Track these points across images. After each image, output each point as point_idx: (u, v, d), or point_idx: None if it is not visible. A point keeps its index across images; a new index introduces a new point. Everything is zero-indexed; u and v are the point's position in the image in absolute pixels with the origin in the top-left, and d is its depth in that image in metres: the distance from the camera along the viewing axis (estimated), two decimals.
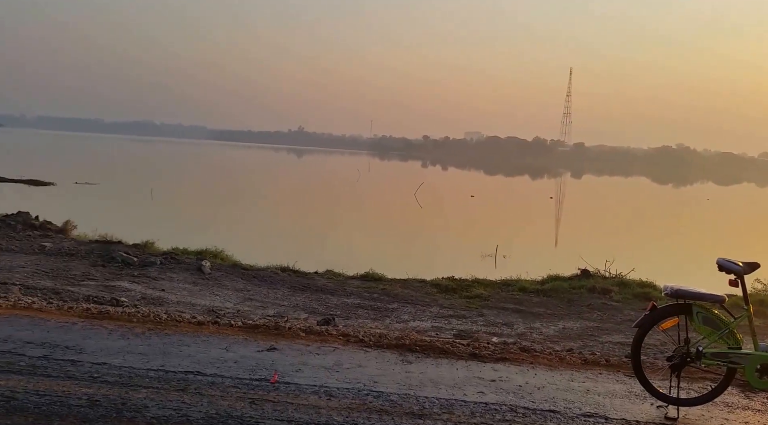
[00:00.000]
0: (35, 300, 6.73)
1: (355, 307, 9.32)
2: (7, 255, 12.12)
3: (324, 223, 25.42)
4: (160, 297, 9.42)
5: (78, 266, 11.61)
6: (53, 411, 3.67)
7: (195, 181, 47.23)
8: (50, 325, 5.23)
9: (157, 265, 12.07)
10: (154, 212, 25.24)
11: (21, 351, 4.54)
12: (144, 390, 4.09)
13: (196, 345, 5.08)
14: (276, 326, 5.89)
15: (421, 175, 67.47)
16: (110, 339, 5.04)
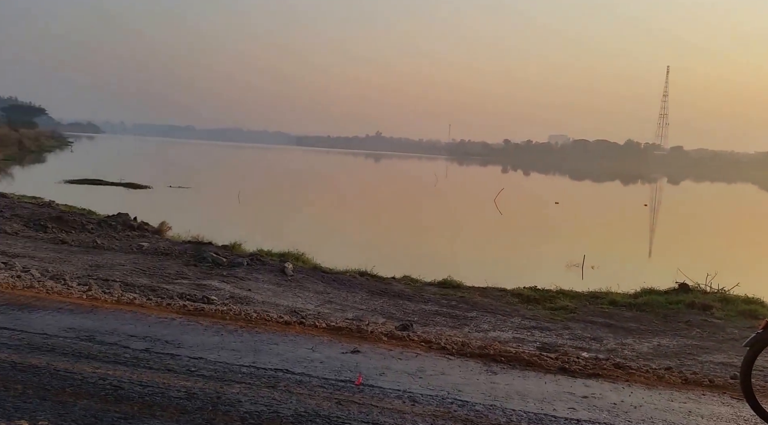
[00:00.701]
0: (136, 296, 7.15)
1: (433, 314, 9.28)
2: (109, 253, 12.94)
3: (401, 228, 25.49)
4: (246, 297, 9.76)
5: (172, 265, 12.22)
6: (155, 401, 3.89)
7: (278, 185, 48.63)
8: (151, 320, 5.54)
9: (244, 266, 12.51)
10: (240, 214, 26.21)
11: (126, 343, 4.84)
12: (237, 386, 4.26)
13: (284, 344, 5.23)
14: (358, 329, 5.97)
15: (502, 180, 66.36)
16: (206, 335, 5.28)
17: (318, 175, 69.36)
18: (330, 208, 32.15)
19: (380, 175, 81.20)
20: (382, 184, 60.02)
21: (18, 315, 5.35)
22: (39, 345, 4.63)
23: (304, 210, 30.55)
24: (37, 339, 4.76)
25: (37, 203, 18.33)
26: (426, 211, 33.94)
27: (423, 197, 44.03)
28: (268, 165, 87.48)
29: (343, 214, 29.84)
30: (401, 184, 60.27)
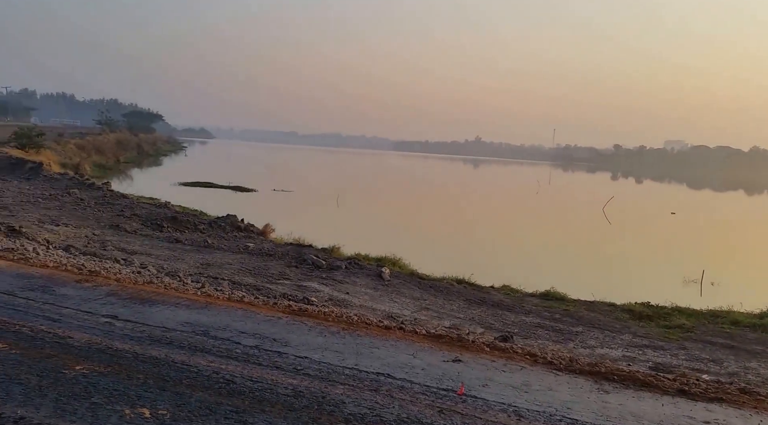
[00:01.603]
0: (245, 294, 7.45)
1: (535, 327, 8.98)
2: (218, 253, 13.60)
3: (499, 236, 24.96)
4: (344, 300, 9.89)
5: (275, 266, 12.64)
6: (264, 397, 4.01)
7: (375, 189, 49.27)
8: (259, 318, 5.74)
9: (342, 269, 12.72)
10: (339, 218, 26.75)
11: (237, 339, 5.04)
12: (341, 387, 4.30)
13: (385, 349, 5.24)
14: (459, 338, 5.88)
15: (611, 188, 63.41)
16: (310, 335, 5.39)
17: (414, 180, 69.60)
18: (426, 214, 32.13)
19: (478, 181, 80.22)
20: (480, 189, 59.20)
21: (140, 308, 5.71)
22: (159, 338, 4.91)
23: (401, 215, 30.71)
24: (157, 332, 5.05)
25: (154, 204, 19.58)
26: (526, 219, 33.08)
27: (523, 204, 42.97)
28: (365, 170, 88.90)
29: (439, 220, 29.70)
30: (500, 190, 59.18)
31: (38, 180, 22.46)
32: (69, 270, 7.18)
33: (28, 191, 19.62)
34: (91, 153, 44.30)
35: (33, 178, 22.71)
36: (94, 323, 5.13)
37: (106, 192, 20.67)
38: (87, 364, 4.22)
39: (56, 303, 5.58)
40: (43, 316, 5.17)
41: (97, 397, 3.74)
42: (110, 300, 5.86)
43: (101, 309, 5.53)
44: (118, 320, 5.26)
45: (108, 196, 19.69)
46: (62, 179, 22.80)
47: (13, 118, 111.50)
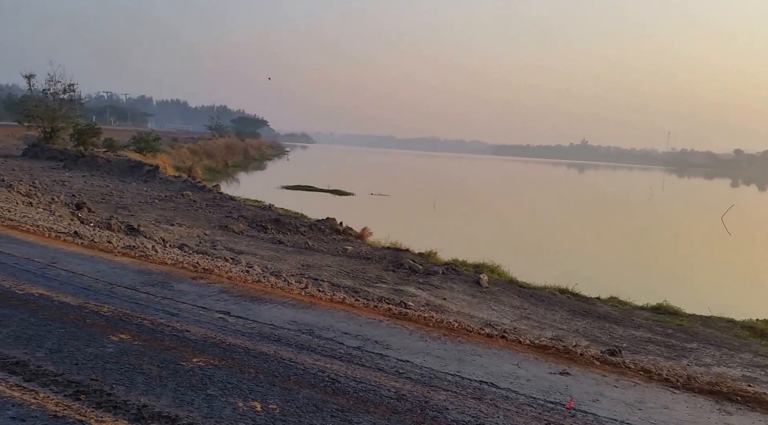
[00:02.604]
0: (345, 296, 7.59)
1: (645, 342, 8.50)
2: (318, 255, 13.96)
3: (606, 245, 23.90)
4: (441, 306, 9.82)
5: (372, 269, 12.79)
6: (368, 398, 4.04)
7: (472, 195, 48.74)
8: (361, 320, 5.81)
9: (439, 275, 12.67)
10: (435, 223, 26.70)
11: (340, 340, 5.13)
12: (443, 393, 4.26)
13: (487, 357, 5.14)
14: (566, 350, 5.65)
15: (731, 195, 59.18)
16: (411, 339, 5.39)
17: (514, 185, 68.30)
18: (526, 221, 31.38)
19: (583, 186, 77.38)
20: (584, 195, 57.04)
21: (250, 306, 5.95)
22: (267, 335, 5.08)
23: (499, 221, 30.20)
24: (265, 329, 5.24)
25: (259, 206, 20.41)
26: (636, 228, 31.42)
27: (633, 212, 40.88)
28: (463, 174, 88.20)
29: (539, 227, 28.91)
30: (607, 196, 56.60)
31: (155, 182, 24.08)
32: (185, 267, 7.62)
33: (146, 192, 21.08)
34: (202, 157, 47.00)
35: (150, 181, 24.37)
36: (208, 318, 5.40)
37: (216, 194, 21.80)
38: (203, 357, 4.44)
39: (174, 299, 5.93)
40: (163, 310, 5.51)
41: (212, 389, 3.92)
42: (223, 297, 6.15)
43: (215, 306, 5.82)
44: (230, 316, 5.51)
45: (217, 198, 20.76)
46: (176, 182, 24.30)
47: (132, 124, 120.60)
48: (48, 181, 21.12)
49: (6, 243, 7.72)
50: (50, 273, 6.41)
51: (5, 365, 3.97)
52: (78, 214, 14.33)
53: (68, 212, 14.32)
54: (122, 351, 4.41)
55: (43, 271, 6.47)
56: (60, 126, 33.45)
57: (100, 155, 28.19)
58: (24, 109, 34.79)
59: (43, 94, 34.38)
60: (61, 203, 15.65)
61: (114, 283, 6.26)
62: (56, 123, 33.31)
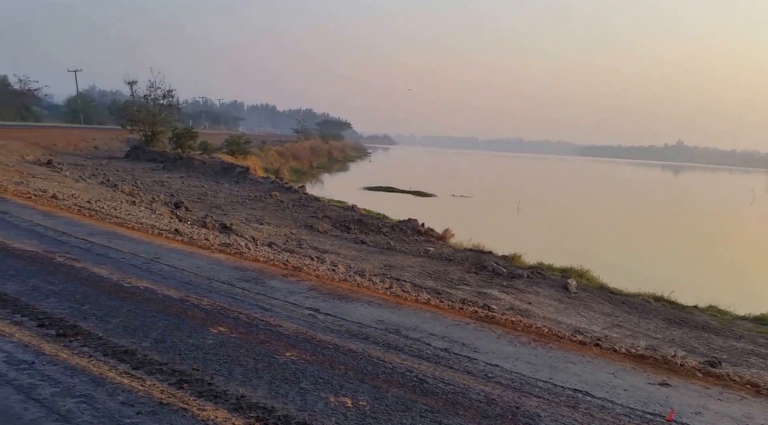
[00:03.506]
0: (430, 297, 7.59)
1: (747, 354, 7.97)
2: (400, 255, 14.03)
3: (702, 252, 22.58)
4: (526, 310, 9.61)
5: (454, 271, 12.71)
6: (457, 400, 4.02)
7: (559, 196, 47.41)
8: (447, 322, 5.79)
9: (524, 278, 12.42)
10: (519, 225, 26.18)
11: (427, 341, 5.13)
12: (535, 399, 4.17)
13: (581, 365, 4.98)
14: (665, 360, 5.39)
15: None
16: (499, 343, 5.31)
17: (602, 187, 65.80)
18: (614, 225, 30.15)
19: (678, 190, 73.50)
20: (680, 199, 54.12)
21: (337, 304, 6.07)
22: (355, 333, 5.17)
23: (586, 224, 29.20)
24: (353, 327, 5.32)
25: (342, 207, 20.77)
26: (736, 233, 29.52)
27: (733, 217, 38.40)
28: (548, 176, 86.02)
29: (629, 232, 27.71)
30: (703, 200, 53.45)
31: (245, 183, 25.04)
32: (276, 265, 7.87)
33: (237, 193, 21.96)
34: (288, 159, 48.45)
35: (241, 182, 25.36)
36: (299, 314, 5.55)
37: (302, 195, 22.40)
38: (295, 352, 4.57)
39: (267, 294, 6.15)
40: (257, 305, 5.72)
41: (305, 383, 4.03)
42: (312, 295, 6.31)
43: (305, 302, 5.98)
44: (319, 313, 5.64)
45: (303, 199, 21.32)
46: (265, 182, 25.17)
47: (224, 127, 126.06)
48: (149, 181, 22.44)
49: (114, 239, 8.27)
50: (154, 268, 6.81)
51: (115, 353, 4.25)
52: (176, 213, 15.14)
53: (168, 211, 15.17)
54: (221, 343, 4.61)
55: (147, 266, 6.88)
56: (160, 129, 35.52)
57: (196, 157, 29.66)
58: (127, 113, 37.27)
59: (145, 100, 36.64)
60: (161, 202, 16.59)
61: (212, 278, 6.57)
62: (156, 127, 35.40)
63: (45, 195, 12.72)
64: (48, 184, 15.51)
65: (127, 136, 39.85)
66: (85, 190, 16.49)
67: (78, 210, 11.14)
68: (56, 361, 4.00)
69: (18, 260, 6.59)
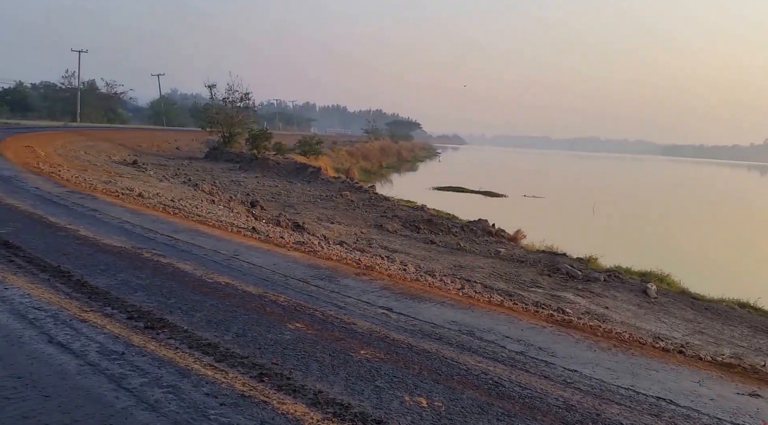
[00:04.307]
0: (503, 299, 7.50)
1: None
2: (470, 256, 13.92)
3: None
4: (603, 315, 9.33)
5: (526, 273, 12.49)
6: (534, 405, 3.95)
7: (637, 197, 45.70)
8: (522, 325, 5.70)
9: (600, 282, 12.07)
10: (595, 227, 25.42)
11: (502, 343, 5.07)
12: (616, 407, 4.04)
13: (664, 372, 4.79)
14: (754, 369, 5.11)
15: None
16: (577, 347, 5.18)
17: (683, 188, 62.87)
18: (696, 228, 28.75)
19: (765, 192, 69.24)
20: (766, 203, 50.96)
21: (410, 303, 6.10)
22: (428, 333, 5.17)
23: (666, 227, 27.99)
24: (426, 327, 5.33)
25: (412, 207, 20.81)
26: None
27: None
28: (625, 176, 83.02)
29: (712, 236, 26.36)
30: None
31: (317, 182, 25.54)
32: (348, 263, 7.99)
33: (309, 192, 22.43)
34: (358, 159, 49.05)
35: (313, 181, 25.89)
36: (372, 313, 5.61)
37: (371, 194, 22.62)
38: (369, 350, 4.63)
39: (340, 292, 6.25)
40: (331, 303, 5.83)
41: (379, 381, 4.08)
42: (384, 294, 6.37)
43: (377, 301, 6.04)
44: (392, 312, 5.69)
45: (373, 199, 21.52)
46: (335, 182, 25.58)
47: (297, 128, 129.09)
48: (226, 181, 23.27)
49: (196, 237, 8.64)
50: (234, 265, 7.06)
51: (199, 346, 4.43)
52: (252, 211, 15.64)
53: (244, 209, 15.69)
54: (298, 338, 4.73)
55: (228, 262, 7.15)
56: (237, 131, 36.80)
57: (270, 158, 30.52)
58: (206, 115, 38.82)
59: (223, 103, 38.04)
60: (238, 201, 17.18)
61: (288, 276, 6.74)
62: (234, 128, 36.70)
63: (132, 193, 13.44)
64: (134, 183, 16.37)
65: (206, 138, 41.48)
66: (168, 189, 17.30)
67: (162, 208, 11.70)
68: (144, 352, 4.22)
69: (108, 255, 6.99)
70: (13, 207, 9.76)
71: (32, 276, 5.85)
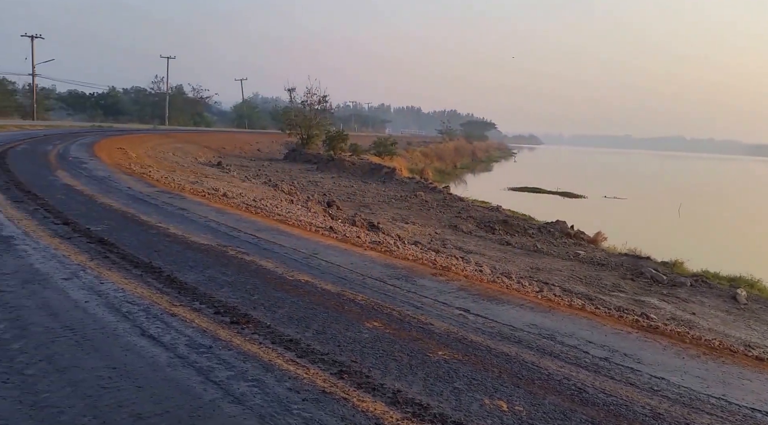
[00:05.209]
0: (584, 303, 7.28)
1: None
2: (547, 258, 13.60)
3: None
4: (689, 321, 8.92)
5: (608, 277, 12.08)
6: (620, 412, 3.82)
7: (724, 199, 43.20)
8: (606, 330, 5.52)
9: (686, 287, 11.57)
10: (680, 230, 24.26)
11: (585, 348, 4.92)
12: (707, 416, 3.85)
13: (759, 382, 4.52)
14: None
15: None
16: (665, 354, 4.97)
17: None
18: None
19: None
20: None
21: (487, 305, 6.03)
22: (507, 336, 5.10)
23: (755, 231, 26.30)
24: (505, 329, 5.26)
25: (486, 207, 20.58)
26: None
27: None
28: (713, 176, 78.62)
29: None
30: None
31: (391, 183, 25.71)
32: (424, 263, 8.00)
33: (383, 192, 22.61)
34: (432, 159, 49.00)
35: (387, 182, 26.08)
36: (449, 314, 5.60)
37: (446, 195, 22.53)
38: (447, 351, 4.62)
39: (417, 292, 6.27)
40: (408, 303, 5.85)
41: (458, 383, 4.06)
42: (461, 295, 6.33)
43: (454, 302, 6.01)
44: (470, 314, 5.65)
45: (447, 199, 21.44)
46: (410, 182, 25.65)
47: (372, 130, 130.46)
48: (304, 181, 23.85)
49: (277, 235, 8.90)
50: (313, 263, 7.23)
51: (282, 341, 4.56)
52: (329, 211, 15.95)
53: (321, 209, 16.02)
54: (376, 337, 4.79)
55: (307, 261, 7.32)
56: (314, 133, 37.70)
57: (346, 159, 31.03)
58: (286, 118, 39.99)
59: (302, 106, 39.06)
60: (315, 201, 17.56)
61: (365, 275, 6.83)
62: (311, 130, 37.60)
63: (217, 193, 14.02)
64: (219, 183, 17.07)
65: (285, 140, 42.65)
66: (250, 189, 17.92)
67: (245, 207, 12.14)
68: (230, 346, 4.39)
69: (195, 252, 7.33)
70: (107, 206, 10.40)
71: (126, 272, 6.21)
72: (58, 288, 5.51)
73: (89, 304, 5.11)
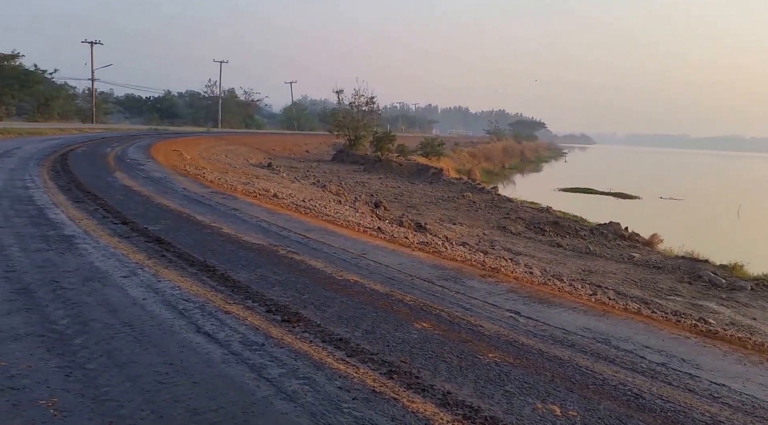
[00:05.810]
0: (640, 306, 7.08)
1: None
2: (600, 260, 13.28)
3: None
4: (750, 326, 8.58)
5: (664, 280, 11.71)
6: (678, 419, 3.70)
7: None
8: (663, 334, 5.35)
9: (747, 291, 11.16)
10: (739, 232, 23.32)
11: (641, 353, 4.78)
12: None
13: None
14: None
15: None
16: (725, 360, 4.78)
17: None
18: None
19: None
20: None
21: (539, 307, 5.93)
22: (560, 339, 5.00)
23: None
24: (557, 333, 5.16)
25: (536, 208, 20.24)
26: None
27: None
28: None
29: None
30: None
31: (438, 184, 25.61)
32: (473, 264, 7.94)
33: (431, 193, 22.55)
34: (480, 160, 48.58)
35: (434, 182, 25.99)
36: (499, 316, 5.53)
37: (494, 196, 22.29)
38: (498, 353, 4.56)
39: (466, 294, 6.22)
40: (457, 304, 5.82)
41: (509, 386, 4.01)
42: (511, 297, 6.25)
43: (504, 304, 5.94)
44: (520, 316, 5.56)
45: (495, 200, 21.21)
46: (457, 183, 25.50)
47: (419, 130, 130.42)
48: (351, 182, 24.02)
49: (326, 235, 9.00)
50: (361, 263, 7.27)
51: (332, 340, 4.60)
52: (376, 212, 16.01)
53: (369, 209, 16.11)
54: (425, 338, 4.77)
55: (356, 261, 7.37)
56: (362, 134, 37.96)
57: (393, 159, 31.09)
58: (334, 120, 40.43)
59: (350, 107, 39.40)
60: (363, 201, 17.66)
61: (413, 275, 6.83)
62: (359, 131, 37.89)
63: (267, 194, 14.27)
64: (269, 184, 17.37)
65: (333, 141, 43.08)
66: (299, 189, 18.18)
67: (295, 208, 12.31)
68: (282, 344, 4.45)
69: (248, 252, 7.47)
70: (164, 206, 10.72)
71: (181, 270, 6.39)
72: (117, 285, 5.71)
73: (147, 301, 5.28)
